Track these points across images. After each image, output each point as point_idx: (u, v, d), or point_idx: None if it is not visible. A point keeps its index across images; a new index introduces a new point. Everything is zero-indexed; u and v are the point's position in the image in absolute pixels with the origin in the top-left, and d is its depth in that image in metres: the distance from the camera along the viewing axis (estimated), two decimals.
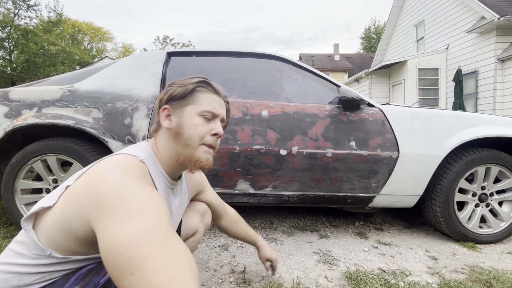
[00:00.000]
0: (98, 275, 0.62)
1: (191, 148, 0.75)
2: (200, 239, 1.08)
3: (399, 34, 11.70)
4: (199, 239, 1.06)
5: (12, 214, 1.72)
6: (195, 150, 0.75)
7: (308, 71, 1.91)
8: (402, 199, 1.78)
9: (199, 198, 1.09)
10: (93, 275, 0.62)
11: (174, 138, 0.75)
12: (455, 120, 1.74)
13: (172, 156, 0.77)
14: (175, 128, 0.75)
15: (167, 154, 0.77)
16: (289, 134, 1.68)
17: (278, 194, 1.75)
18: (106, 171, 0.60)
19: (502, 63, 7.11)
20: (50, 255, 0.61)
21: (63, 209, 0.61)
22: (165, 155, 0.77)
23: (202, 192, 1.09)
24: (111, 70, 1.85)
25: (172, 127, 0.75)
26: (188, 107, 0.76)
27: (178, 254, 0.52)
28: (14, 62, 18.95)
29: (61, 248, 0.62)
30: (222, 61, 1.98)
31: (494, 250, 1.73)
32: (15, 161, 1.67)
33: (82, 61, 25.29)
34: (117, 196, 0.55)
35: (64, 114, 1.68)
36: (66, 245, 0.62)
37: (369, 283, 1.29)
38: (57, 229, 0.61)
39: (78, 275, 0.62)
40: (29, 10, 18.76)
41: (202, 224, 1.06)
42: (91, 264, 0.65)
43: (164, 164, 0.77)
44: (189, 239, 1.02)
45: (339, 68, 21.10)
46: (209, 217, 1.11)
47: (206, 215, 1.09)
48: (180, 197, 0.91)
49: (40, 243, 0.61)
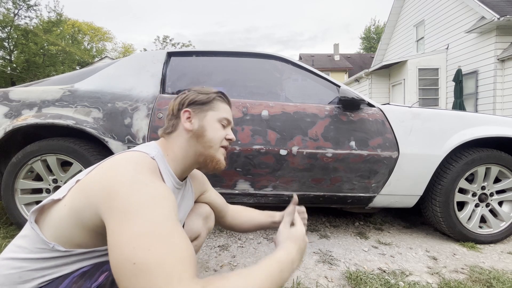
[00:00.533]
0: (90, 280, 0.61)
1: (213, 150, 0.83)
2: (203, 242, 1.07)
3: (399, 34, 11.70)
4: (201, 243, 1.06)
5: (12, 214, 1.72)
6: (217, 151, 0.84)
7: (308, 71, 1.91)
8: (402, 199, 1.78)
9: (202, 199, 1.09)
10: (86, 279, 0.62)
11: (196, 139, 0.82)
12: (455, 120, 1.74)
13: (190, 156, 0.82)
14: (197, 130, 0.82)
15: (183, 153, 0.82)
16: (289, 134, 1.68)
17: (278, 194, 1.75)
18: (118, 165, 0.63)
19: (502, 63, 7.11)
20: (53, 248, 0.62)
21: (74, 200, 0.63)
22: (180, 155, 0.82)
23: (205, 193, 1.09)
24: (111, 70, 1.85)
25: (194, 129, 0.82)
26: (209, 113, 0.84)
27: (181, 249, 0.53)
28: (14, 62, 18.95)
29: (65, 240, 0.63)
30: (222, 61, 1.98)
31: (494, 250, 1.73)
32: (15, 161, 1.67)
33: (82, 61, 25.29)
34: (128, 189, 0.57)
35: (64, 114, 1.68)
36: (73, 236, 0.63)
37: (369, 283, 1.29)
38: (66, 220, 0.62)
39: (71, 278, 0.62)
40: (29, 10, 18.76)
41: (205, 227, 1.05)
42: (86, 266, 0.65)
43: (174, 163, 0.81)
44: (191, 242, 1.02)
45: (339, 68, 21.09)
46: (212, 220, 1.09)
47: (209, 219, 1.07)
48: (186, 198, 0.93)
49: (43, 236, 0.62)
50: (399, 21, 11.75)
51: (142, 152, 0.72)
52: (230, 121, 0.89)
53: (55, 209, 0.64)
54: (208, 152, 0.82)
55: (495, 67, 7.14)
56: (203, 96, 0.85)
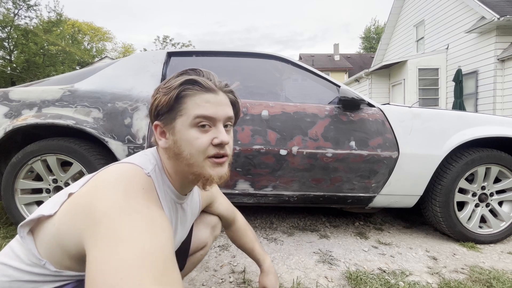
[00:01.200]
0: None
1: (196, 166, 0.64)
2: (208, 251, 1.07)
3: (399, 34, 11.70)
4: (206, 252, 1.05)
5: (12, 214, 1.72)
6: (202, 167, 0.64)
7: (308, 71, 1.91)
8: (402, 199, 1.78)
9: (210, 210, 1.01)
10: None
11: (175, 158, 0.66)
12: (455, 120, 1.74)
13: (179, 174, 0.69)
14: (173, 147, 0.65)
15: (173, 172, 0.69)
16: (289, 134, 1.68)
17: (278, 194, 1.75)
18: (107, 185, 0.55)
19: (502, 63, 7.11)
20: (44, 266, 0.58)
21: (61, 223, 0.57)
22: (172, 172, 0.69)
23: (213, 203, 1.01)
24: (111, 70, 1.85)
25: (169, 146, 0.65)
26: (178, 121, 0.64)
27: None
28: (14, 62, 18.95)
29: (56, 260, 0.59)
30: (222, 61, 1.98)
31: (494, 250, 1.73)
32: (15, 161, 1.67)
33: (82, 61, 25.29)
34: (117, 217, 0.50)
35: (64, 114, 1.68)
36: (60, 259, 0.59)
37: (369, 283, 1.29)
38: (53, 241, 0.58)
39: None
40: (29, 10, 18.77)
41: (211, 236, 1.03)
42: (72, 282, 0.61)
43: (172, 179, 0.70)
44: (197, 252, 1.00)
45: (339, 68, 21.11)
46: (218, 229, 1.06)
47: (217, 228, 1.05)
48: (190, 210, 0.85)
49: (36, 252, 0.58)
50: (399, 21, 11.75)
51: (136, 166, 0.62)
52: (214, 116, 0.64)
53: (48, 226, 0.59)
54: (193, 171, 0.65)
55: (495, 67, 7.14)
56: (165, 98, 0.63)
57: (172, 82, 0.65)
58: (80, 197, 0.57)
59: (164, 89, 0.65)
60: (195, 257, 1.01)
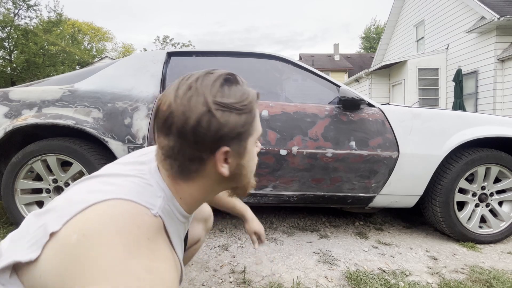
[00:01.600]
0: None
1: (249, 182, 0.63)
2: (201, 245, 1.08)
3: (399, 34, 11.70)
4: (200, 245, 1.07)
5: (12, 214, 1.72)
6: (252, 178, 0.64)
7: (308, 71, 1.91)
8: (402, 199, 1.78)
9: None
10: None
11: (228, 181, 0.58)
12: (455, 120, 1.74)
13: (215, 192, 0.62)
14: (236, 170, 0.56)
15: (206, 194, 0.59)
16: (289, 134, 1.68)
17: (278, 194, 1.75)
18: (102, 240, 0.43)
19: (502, 63, 7.11)
20: None
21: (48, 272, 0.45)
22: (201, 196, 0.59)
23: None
24: (111, 70, 1.85)
25: (231, 171, 0.55)
26: (249, 140, 0.55)
27: None
28: (14, 62, 18.96)
29: None
30: (222, 61, 1.98)
31: (494, 250, 1.73)
32: (15, 161, 1.67)
33: (82, 61, 25.30)
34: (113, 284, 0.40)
35: (64, 114, 1.68)
36: None
37: (369, 283, 1.29)
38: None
39: None
40: (29, 10, 18.78)
41: (204, 230, 1.05)
42: None
43: (189, 206, 0.60)
44: (191, 247, 1.02)
45: (339, 68, 21.11)
46: (211, 221, 1.09)
47: (209, 221, 1.07)
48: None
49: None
50: (399, 21, 11.75)
51: (139, 207, 0.49)
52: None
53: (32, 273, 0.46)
54: (242, 185, 0.62)
55: (495, 67, 7.14)
56: (244, 118, 0.52)
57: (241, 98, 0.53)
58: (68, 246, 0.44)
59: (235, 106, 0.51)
60: (188, 251, 1.02)
